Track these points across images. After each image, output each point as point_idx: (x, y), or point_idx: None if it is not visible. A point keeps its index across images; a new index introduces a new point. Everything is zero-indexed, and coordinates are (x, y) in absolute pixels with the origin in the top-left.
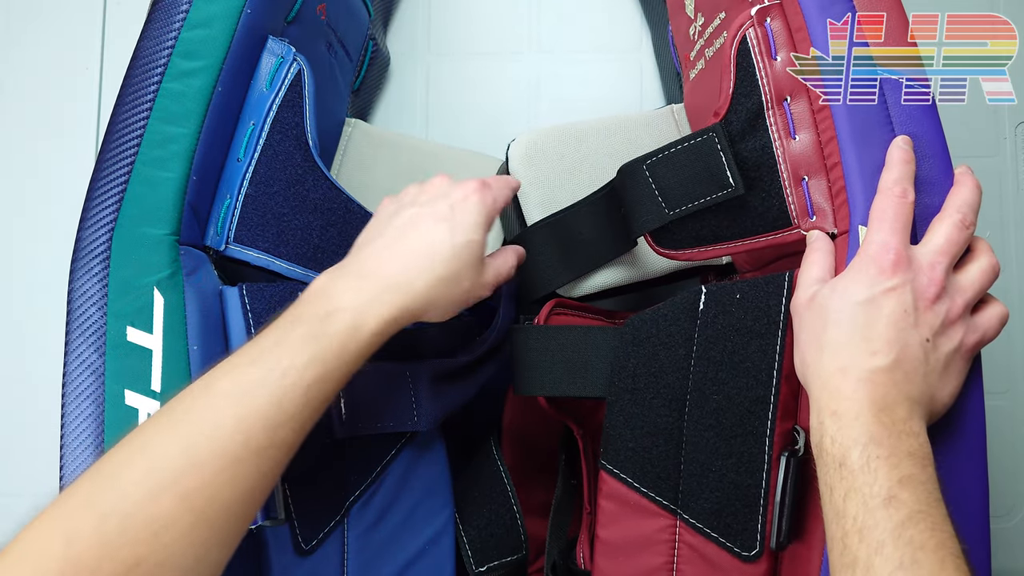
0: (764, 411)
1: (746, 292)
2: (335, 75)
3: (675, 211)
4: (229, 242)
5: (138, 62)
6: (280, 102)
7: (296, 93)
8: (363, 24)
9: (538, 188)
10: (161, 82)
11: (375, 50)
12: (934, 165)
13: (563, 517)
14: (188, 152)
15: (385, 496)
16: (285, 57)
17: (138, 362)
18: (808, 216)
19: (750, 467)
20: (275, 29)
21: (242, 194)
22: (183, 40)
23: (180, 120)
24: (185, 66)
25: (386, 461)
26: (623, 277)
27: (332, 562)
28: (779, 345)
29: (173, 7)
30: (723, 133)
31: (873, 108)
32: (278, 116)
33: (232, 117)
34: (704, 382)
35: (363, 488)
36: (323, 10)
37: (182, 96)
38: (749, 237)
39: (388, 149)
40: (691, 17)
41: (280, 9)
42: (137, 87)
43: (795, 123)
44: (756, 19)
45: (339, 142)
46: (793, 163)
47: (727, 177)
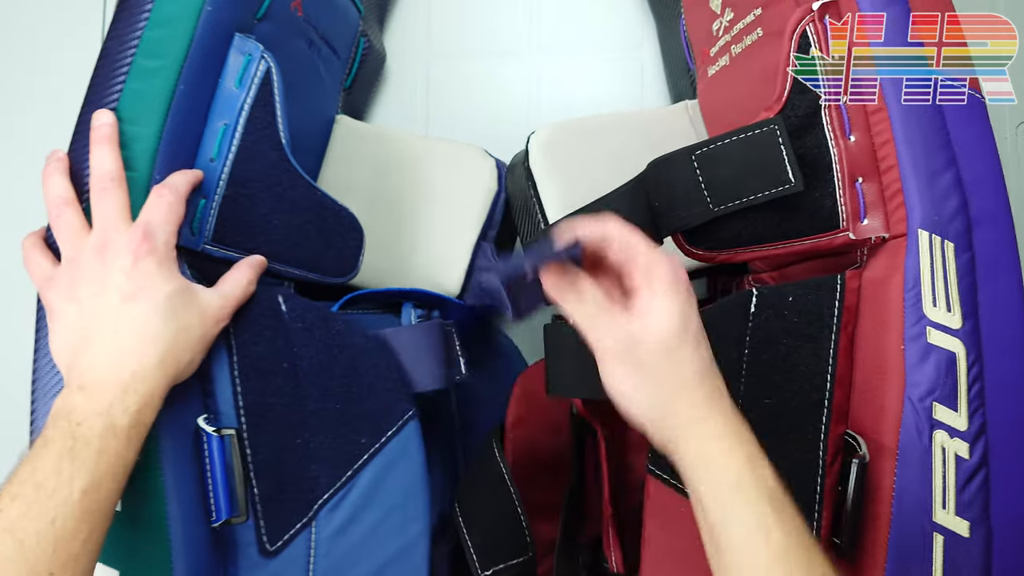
0: (818, 415)
1: (798, 295)
2: (319, 72)
3: (722, 207)
4: (208, 243)
5: (104, 62)
6: (252, 101)
7: (267, 92)
8: (351, 21)
9: (558, 179)
10: (125, 82)
11: (368, 47)
12: (984, 168)
13: (573, 519)
14: (151, 152)
15: (356, 500)
16: (253, 55)
17: None
18: (860, 219)
19: (804, 472)
20: (243, 26)
21: (219, 195)
22: (145, 40)
23: (142, 120)
24: (148, 65)
25: (358, 465)
26: None
27: (297, 564)
28: (832, 349)
29: (137, 7)
30: (784, 126)
31: (928, 110)
32: (251, 116)
33: (198, 116)
34: (757, 385)
35: (333, 490)
36: (298, 6)
37: (144, 96)
38: (793, 239)
39: (373, 143)
40: (716, 12)
41: (247, 6)
42: (102, 88)
43: (850, 123)
44: (818, 14)
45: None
46: (850, 163)
47: (786, 172)
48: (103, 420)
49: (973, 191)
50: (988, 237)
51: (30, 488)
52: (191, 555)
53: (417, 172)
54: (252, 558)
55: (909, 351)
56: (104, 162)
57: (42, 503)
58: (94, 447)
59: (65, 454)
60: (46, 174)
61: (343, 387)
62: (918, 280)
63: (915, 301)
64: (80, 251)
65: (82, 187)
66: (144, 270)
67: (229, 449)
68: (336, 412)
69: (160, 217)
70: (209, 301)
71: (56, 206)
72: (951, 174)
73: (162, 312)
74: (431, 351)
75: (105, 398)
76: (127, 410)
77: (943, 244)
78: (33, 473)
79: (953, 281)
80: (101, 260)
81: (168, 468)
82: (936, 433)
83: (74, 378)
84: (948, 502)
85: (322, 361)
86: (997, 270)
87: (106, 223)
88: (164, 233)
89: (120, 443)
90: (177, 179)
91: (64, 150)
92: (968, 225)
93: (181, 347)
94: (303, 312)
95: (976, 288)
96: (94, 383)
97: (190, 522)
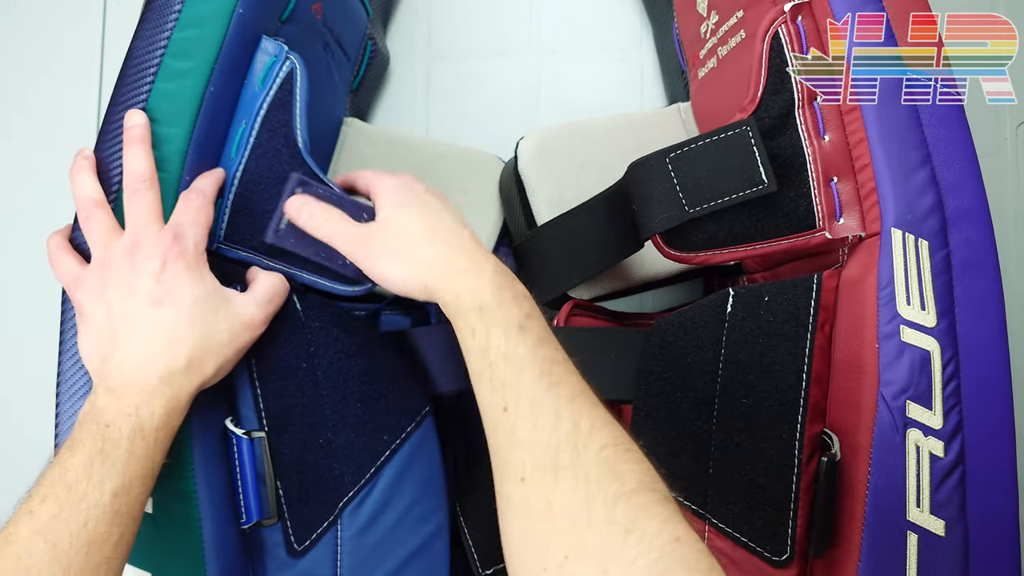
0: (794, 414)
1: (774, 295)
2: (332, 75)
3: (696, 209)
4: (220, 241)
5: (131, 63)
6: (271, 101)
7: (287, 91)
8: (361, 24)
9: (547, 186)
10: (154, 83)
11: (374, 50)
12: (962, 167)
13: None
14: (181, 152)
15: (379, 497)
16: (278, 56)
17: None
18: (836, 218)
19: (780, 471)
20: (269, 28)
21: (232, 193)
22: (175, 40)
23: (172, 121)
24: (177, 66)
25: (380, 462)
26: (626, 282)
27: (325, 563)
28: (808, 347)
29: (166, 7)
30: (756, 127)
31: (903, 109)
32: (267, 115)
33: (225, 117)
34: (733, 385)
35: (357, 489)
36: (319, 9)
37: (174, 96)
38: (769, 239)
39: (385, 148)
40: (703, 15)
41: (273, 8)
42: (130, 88)
43: (824, 123)
44: (790, 16)
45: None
46: (824, 163)
47: (759, 173)
48: (131, 422)
49: (949, 189)
50: (965, 235)
51: (61, 490)
52: (223, 556)
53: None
54: (280, 558)
55: (883, 349)
56: (138, 163)
57: (74, 505)
58: (123, 449)
59: (95, 456)
60: (74, 171)
61: (363, 385)
62: (892, 279)
63: (889, 299)
64: (111, 252)
65: (110, 186)
66: (173, 273)
67: (259, 453)
68: (357, 410)
69: (189, 219)
70: (241, 307)
71: (86, 207)
72: (925, 172)
73: (189, 316)
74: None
75: (133, 400)
76: (154, 413)
77: (917, 242)
78: (63, 475)
79: (928, 279)
80: (131, 262)
81: (199, 471)
82: (910, 431)
83: (103, 380)
84: (923, 501)
85: (340, 359)
86: (974, 268)
87: (138, 225)
88: (194, 236)
89: (148, 446)
90: (204, 183)
91: (90, 148)
92: (944, 223)
93: (208, 352)
94: (318, 311)
95: (952, 286)
96: (122, 386)
97: (222, 523)
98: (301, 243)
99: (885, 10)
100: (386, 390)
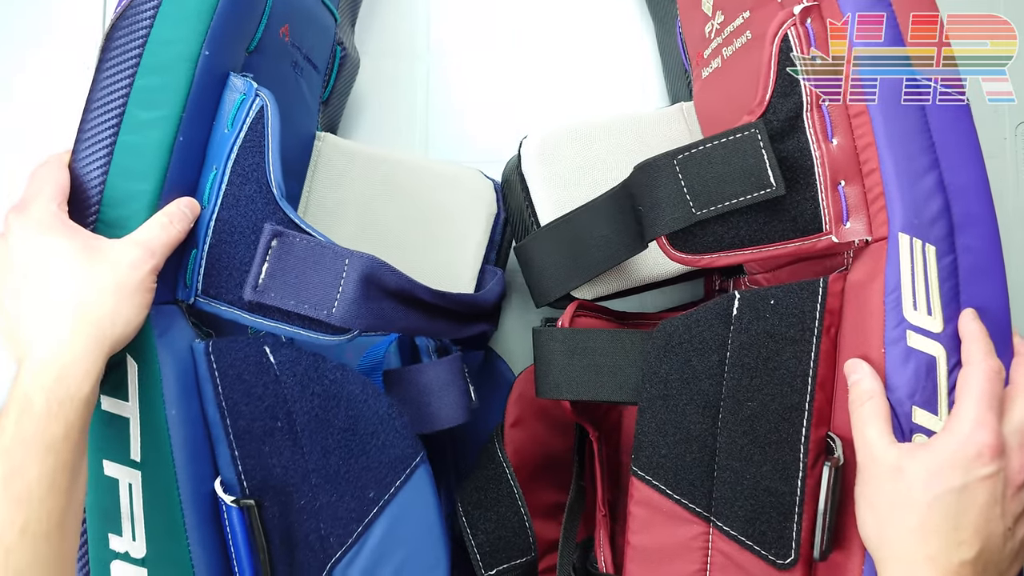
0: (799, 418)
1: (780, 298)
2: (302, 92)
3: (704, 211)
4: (198, 295)
5: (91, 113)
6: (240, 144)
7: (258, 132)
8: (329, 32)
9: (551, 185)
10: (117, 134)
11: (344, 55)
12: (969, 172)
13: (574, 520)
14: (150, 208)
15: (369, 555)
16: (247, 93)
17: (115, 431)
18: (843, 222)
19: (785, 474)
20: (236, 64)
21: (207, 244)
22: (138, 89)
23: (141, 176)
24: (143, 117)
25: (367, 520)
26: (628, 282)
27: None
28: (814, 352)
29: (123, 51)
30: (765, 130)
31: (911, 112)
32: (237, 159)
33: (195, 164)
34: (738, 388)
35: (345, 548)
36: (286, 32)
37: (141, 150)
38: (775, 243)
39: (362, 163)
40: (708, 15)
41: (240, 43)
42: (91, 141)
43: (832, 126)
44: (799, 18)
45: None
46: (832, 166)
47: (767, 176)
48: (18, 402)
49: (956, 194)
50: (972, 240)
51: None
52: None
53: (411, 195)
54: None
55: (889, 354)
56: None
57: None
58: (8, 433)
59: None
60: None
61: (343, 441)
62: (899, 283)
63: (895, 304)
64: None
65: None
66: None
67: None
68: (338, 468)
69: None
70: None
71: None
72: (933, 176)
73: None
74: (456, 387)
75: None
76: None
77: (924, 247)
78: None
79: (934, 284)
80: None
81: (193, 537)
82: (916, 437)
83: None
84: None
85: (319, 415)
86: (981, 273)
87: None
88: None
89: (37, 420)
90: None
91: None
92: (951, 228)
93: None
94: (294, 363)
95: (959, 291)
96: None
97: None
98: (283, 296)
99: (891, 9)
100: (369, 444)
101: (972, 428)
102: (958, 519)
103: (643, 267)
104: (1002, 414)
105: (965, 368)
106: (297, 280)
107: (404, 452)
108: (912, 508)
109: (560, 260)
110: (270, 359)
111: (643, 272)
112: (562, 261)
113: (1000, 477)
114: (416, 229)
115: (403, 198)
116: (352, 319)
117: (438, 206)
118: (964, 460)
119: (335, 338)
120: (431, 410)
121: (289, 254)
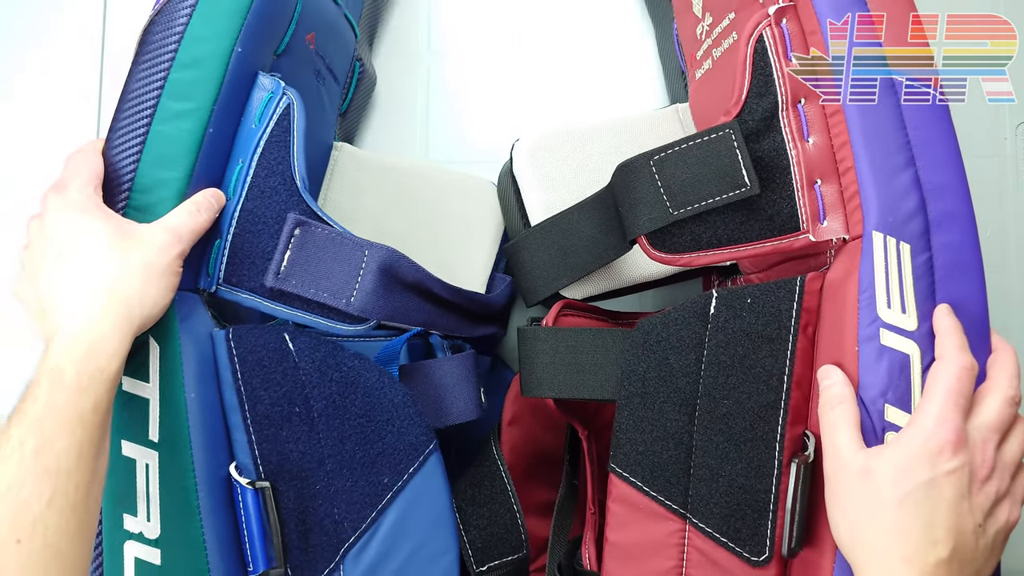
0: (775, 416)
1: (757, 297)
2: (323, 102)
3: (681, 211)
4: (219, 283)
5: (126, 104)
6: (267, 139)
7: (284, 128)
8: (350, 47)
9: (542, 187)
10: (151, 124)
11: (362, 71)
12: (946, 170)
13: (565, 517)
14: (178, 196)
15: (382, 541)
16: (275, 92)
17: (135, 412)
18: (819, 221)
19: (760, 472)
20: (264, 64)
21: (230, 234)
22: (172, 81)
23: (171, 164)
24: (176, 108)
25: (382, 505)
26: (618, 282)
27: None
28: (790, 350)
29: (160, 47)
30: (739, 130)
31: (886, 111)
32: (264, 152)
33: (223, 157)
34: (714, 386)
35: (359, 533)
36: (312, 39)
37: (173, 139)
38: (753, 242)
39: (376, 173)
40: (698, 16)
41: (270, 44)
42: (126, 130)
43: (808, 126)
44: (774, 19)
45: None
46: (808, 166)
47: (742, 176)
48: (50, 374)
49: (933, 192)
50: (948, 238)
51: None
52: None
53: (425, 204)
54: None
55: (863, 352)
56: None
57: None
58: (40, 403)
59: (14, 417)
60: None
61: (359, 427)
62: (872, 281)
63: (869, 302)
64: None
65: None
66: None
67: (265, 504)
68: (354, 453)
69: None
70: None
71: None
72: (909, 174)
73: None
74: (469, 382)
75: (51, 351)
76: (74, 358)
77: (898, 245)
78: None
79: (909, 282)
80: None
81: (207, 520)
82: (888, 435)
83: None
84: None
85: (336, 402)
86: (957, 271)
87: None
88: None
89: (68, 392)
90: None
91: None
92: (926, 226)
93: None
94: (312, 350)
95: (935, 289)
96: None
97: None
98: (304, 284)
99: (869, 10)
100: (384, 430)
101: (935, 424)
102: (930, 516)
103: (632, 267)
104: (970, 409)
105: (936, 363)
106: (318, 269)
107: (418, 439)
108: (884, 508)
109: (548, 260)
110: (289, 346)
111: (632, 272)
112: (550, 261)
113: (965, 472)
114: (428, 237)
115: (416, 207)
116: (370, 309)
117: (450, 215)
118: (928, 455)
119: (353, 327)
120: (445, 404)
121: (311, 243)
